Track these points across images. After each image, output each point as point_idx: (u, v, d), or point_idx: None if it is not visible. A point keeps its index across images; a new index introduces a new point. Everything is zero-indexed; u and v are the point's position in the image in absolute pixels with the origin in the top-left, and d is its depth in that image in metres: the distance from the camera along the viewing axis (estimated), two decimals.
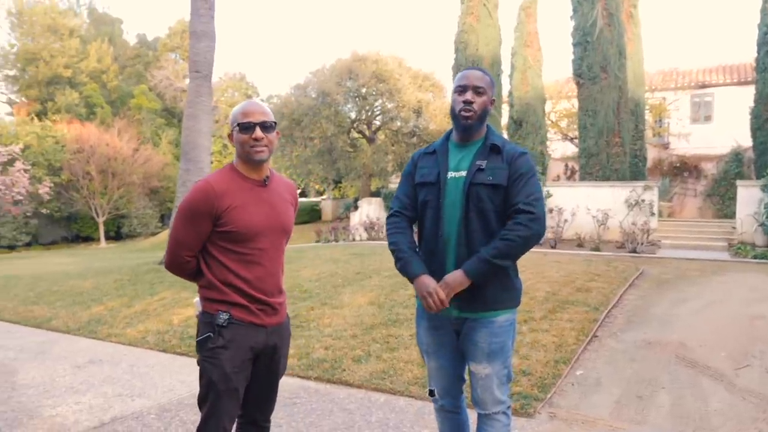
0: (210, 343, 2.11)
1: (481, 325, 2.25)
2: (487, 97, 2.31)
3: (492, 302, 2.25)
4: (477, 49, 16.24)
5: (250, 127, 2.12)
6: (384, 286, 7.13)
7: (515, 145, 2.34)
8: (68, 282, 9.28)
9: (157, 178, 30.72)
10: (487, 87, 2.30)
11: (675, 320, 5.83)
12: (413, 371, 4.26)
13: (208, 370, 2.11)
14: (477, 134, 2.34)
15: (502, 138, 2.37)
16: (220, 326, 2.10)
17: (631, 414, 3.59)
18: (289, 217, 2.31)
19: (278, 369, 2.32)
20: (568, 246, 12.48)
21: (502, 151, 2.26)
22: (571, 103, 21.67)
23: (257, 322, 2.16)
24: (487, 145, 2.29)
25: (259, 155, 2.14)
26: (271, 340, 2.22)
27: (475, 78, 2.29)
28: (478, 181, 2.22)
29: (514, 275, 2.31)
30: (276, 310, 2.24)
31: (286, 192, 2.35)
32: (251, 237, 2.14)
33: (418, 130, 22.65)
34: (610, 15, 14.51)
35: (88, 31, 39.05)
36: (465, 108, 2.26)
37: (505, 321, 2.27)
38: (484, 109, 2.30)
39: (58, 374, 4.71)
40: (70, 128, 28.14)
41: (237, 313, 2.12)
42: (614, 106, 14.63)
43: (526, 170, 2.24)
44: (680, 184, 20.13)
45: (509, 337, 2.31)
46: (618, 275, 7.98)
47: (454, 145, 2.38)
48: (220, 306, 2.13)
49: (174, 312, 6.56)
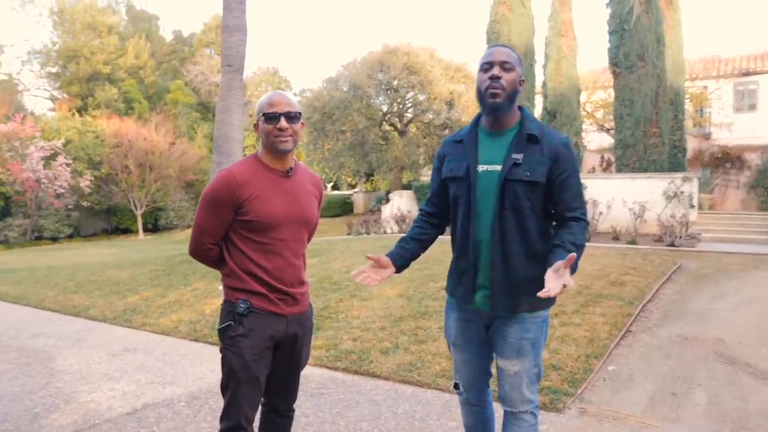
0: (231, 332, 2.13)
1: (512, 321, 2.16)
2: (516, 74, 2.08)
3: (525, 303, 2.13)
4: (510, 39, 15.98)
5: (275, 117, 2.12)
6: (413, 279, 7.10)
7: (555, 133, 2.14)
8: (106, 272, 9.54)
9: (193, 171, 31.29)
10: (515, 63, 2.09)
11: (713, 315, 5.65)
12: (441, 364, 4.23)
13: (229, 357, 2.13)
14: (510, 120, 2.13)
15: (538, 124, 2.15)
16: (241, 315, 2.12)
17: (664, 411, 3.49)
18: (312, 209, 2.30)
19: (299, 358, 2.33)
20: (603, 239, 12.21)
21: (541, 141, 2.07)
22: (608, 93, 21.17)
23: (277, 311, 2.18)
24: (524, 135, 2.09)
25: (284, 145, 2.15)
26: (292, 329, 2.23)
27: (501, 53, 2.08)
28: (514, 177, 2.04)
29: None
30: (296, 300, 2.24)
31: (310, 183, 2.34)
32: (271, 227, 2.15)
33: (450, 122, 22.49)
34: (648, 1, 14.07)
35: (126, 28, 39.95)
36: (492, 85, 2.04)
37: (538, 317, 2.17)
38: (514, 86, 2.07)
39: (94, 361, 4.84)
40: (109, 123, 28.89)
41: (257, 302, 2.14)
42: (652, 95, 14.22)
43: (573, 169, 2.09)
44: (722, 175, 19.45)
45: (542, 334, 2.19)
46: (654, 269, 7.77)
47: (485, 133, 2.17)
48: (240, 294, 2.15)
49: (206, 302, 6.66)
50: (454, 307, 2.33)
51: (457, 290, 2.27)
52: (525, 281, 2.09)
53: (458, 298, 2.28)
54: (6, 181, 24.31)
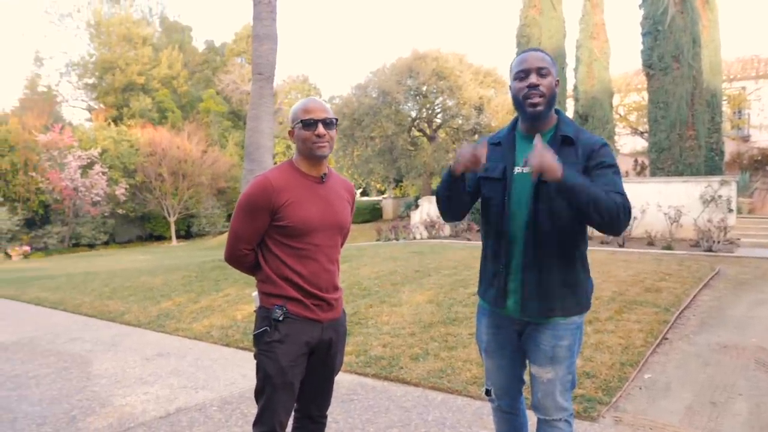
0: (266, 337, 2.15)
1: (545, 327, 2.12)
2: (552, 77, 2.06)
3: (558, 308, 2.09)
4: (540, 43, 15.84)
5: (312, 124, 2.14)
6: (443, 285, 7.06)
7: (592, 135, 2.11)
8: (140, 278, 9.73)
9: (224, 178, 31.84)
10: (550, 67, 2.06)
11: (754, 323, 5.46)
12: (471, 371, 4.18)
13: (265, 363, 2.15)
14: (547, 123, 2.12)
15: (575, 126, 2.13)
16: (276, 320, 2.14)
17: (703, 421, 3.38)
18: (346, 215, 2.32)
19: (334, 364, 2.33)
20: (638, 245, 11.95)
21: (576, 143, 2.05)
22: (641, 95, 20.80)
23: (312, 317, 2.19)
24: (558, 137, 2.07)
25: (321, 151, 2.17)
26: (326, 335, 2.24)
27: (535, 59, 2.05)
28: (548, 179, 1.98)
29: (584, 277, 2.16)
30: (331, 306, 2.25)
31: (344, 190, 2.36)
32: (307, 232, 2.16)
33: (480, 127, 22.37)
34: (683, 1, 13.78)
35: (159, 39, 40.97)
36: (531, 93, 2.02)
37: (571, 323, 2.12)
38: (552, 91, 2.05)
39: (129, 366, 4.94)
40: (143, 132, 29.64)
41: (292, 308, 2.16)
42: (687, 97, 13.90)
43: (609, 160, 2.01)
44: (762, 178, 18.88)
45: (575, 341, 2.14)
46: (691, 275, 7.56)
47: (522, 137, 2.17)
48: (276, 300, 2.16)
49: (237, 308, 6.74)
50: (486, 312, 2.30)
51: (489, 293, 2.24)
52: (558, 286, 2.07)
53: (490, 301, 2.25)
54: (45, 189, 25.12)
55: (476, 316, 2.41)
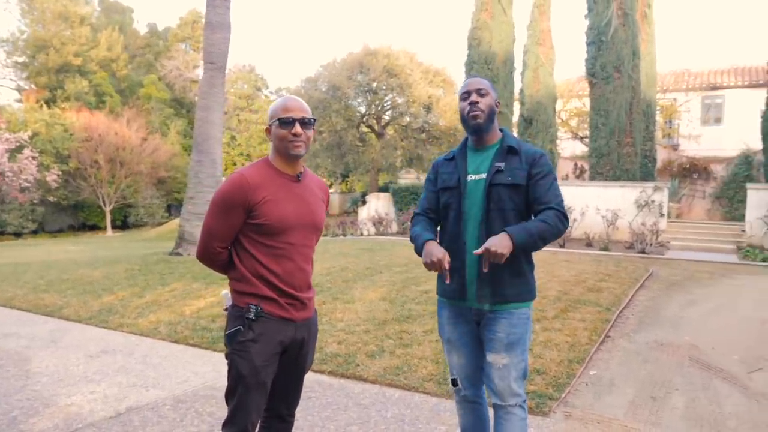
0: (240, 337, 2.12)
1: (500, 317, 2.34)
2: (491, 97, 2.41)
3: (512, 296, 2.34)
4: (490, 46, 16.18)
5: (289, 123, 2.15)
6: (395, 282, 7.14)
7: (532, 146, 2.45)
8: (78, 270, 9.32)
9: (165, 168, 30.82)
10: (488, 89, 2.42)
11: (686, 322, 5.82)
12: (428, 368, 4.27)
13: (238, 363, 2.12)
14: (492, 138, 2.44)
15: (517, 140, 2.46)
16: (251, 320, 2.12)
17: (645, 415, 3.59)
18: (321, 214, 2.33)
19: (305, 363, 2.34)
20: (577, 245, 12.46)
21: (520, 153, 2.36)
22: (582, 102, 21.60)
23: (286, 316, 2.18)
24: (504, 147, 2.39)
25: (297, 150, 2.18)
26: (299, 334, 2.24)
27: (475, 83, 2.42)
28: (497, 182, 2.31)
29: (529, 270, 2.41)
30: (305, 305, 2.26)
31: (318, 189, 2.37)
32: (282, 230, 2.16)
33: (428, 125, 22.63)
34: (625, 14, 14.42)
35: (98, 20, 39.10)
36: (472, 109, 2.37)
37: (522, 314, 2.36)
38: (491, 108, 2.39)
39: (72, 363, 4.74)
40: (78, 116, 28.23)
41: (267, 307, 2.14)
42: (627, 106, 14.57)
43: (549, 170, 2.36)
44: (689, 185, 20.05)
45: (526, 330, 2.39)
46: (628, 276, 7.97)
47: (472, 150, 2.48)
48: (250, 299, 2.14)
49: (185, 303, 6.58)
50: (446, 306, 2.52)
51: (449, 289, 2.44)
52: (508, 275, 2.32)
53: (450, 297, 2.46)
54: None
55: (437, 311, 2.61)
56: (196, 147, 10.21)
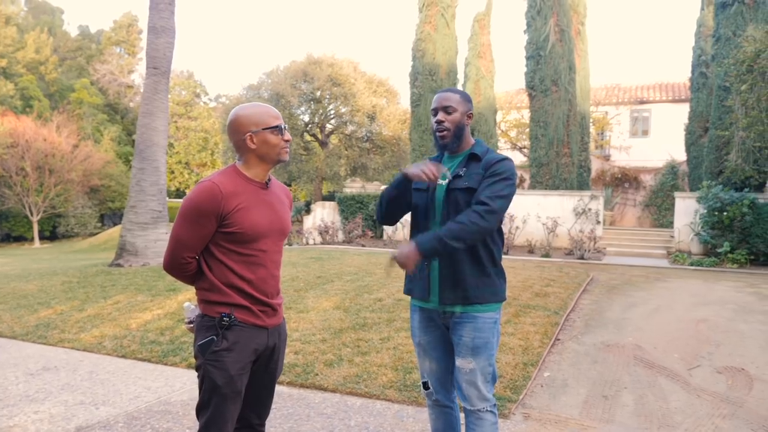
0: (214, 347, 2.08)
1: (466, 320, 2.38)
2: (459, 113, 2.44)
3: (473, 296, 2.35)
4: (434, 58, 16.49)
5: (281, 130, 2.18)
6: (348, 291, 7.13)
7: (497, 155, 2.47)
8: (9, 284, 8.78)
9: (98, 176, 29.45)
10: (456, 104, 2.44)
11: (628, 324, 6.11)
12: (387, 375, 4.29)
13: (212, 373, 2.07)
14: (464, 146, 2.51)
15: (485, 148, 2.51)
16: (225, 328, 2.09)
17: (599, 413, 3.74)
18: (287, 220, 2.32)
19: (276, 370, 2.32)
20: (520, 252, 12.84)
21: (482, 159, 2.42)
22: (521, 113, 22.34)
23: (259, 323, 2.16)
24: (469, 155, 2.47)
25: (287, 156, 2.25)
26: (271, 341, 2.23)
27: (443, 99, 2.46)
28: (455, 187, 2.40)
29: (494, 272, 2.42)
30: (275, 311, 2.25)
31: (283, 194, 2.37)
32: (255, 238, 2.14)
33: (372, 134, 22.78)
34: (562, 31, 15.06)
35: (25, 20, 37.18)
36: (438, 128, 2.44)
37: (489, 318, 2.39)
38: (457, 125, 2.44)
39: (10, 382, 4.46)
40: (3, 121, 26.61)
41: (240, 315, 2.12)
42: (564, 118, 15.19)
43: (500, 171, 2.36)
44: (621, 194, 21.06)
45: (493, 334, 2.41)
46: (571, 281, 8.28)
47: (447, 158, 2.56)
48: (222, 308, 2.10)
49: (131, 316, 6.33)
50: (417, 309, 2.56)
51: (415, 288, 2.51)
52: (469, 276, 2.37)
53: (417, 296, 2.52)
54: None
55: (410, 315, 2.65)
56: (139, 154, 9.86)
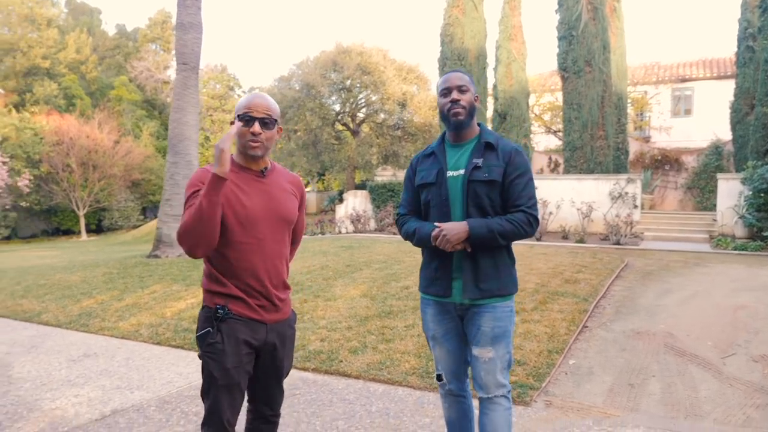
0: (209, 338, 2.09)
1: (484, 311, 2.37)
2: (471, 93, 2.41)
3: (495, 289, 2.36)
4: (463, 42, 16.30)
5: (249, 120, 2.10)
6: (375, 279, 7.19)
7: (509, 142, 2.45)
8: (55, 275, 9.18)
9: (138, 170, 30.36)
10: (468, 84, 2.41)
11: (661, 311, 5.98)
12: (410, 362, 4.33)
13: (209, 365, 2.10)
14: (470, 133, 2.45)
15: (495, 135, 2.47)
16: (219, 321, 2.09)
17: (623, 401, 3.70)
18: (290, 208, 2.26)
19: (281, 367, 2.29)
20: (553, 238, 12.66)
21: (497, 148, 2.38)
22: (555, 96, 21.90)
23: (256, 317, 2.14)
24: (482, 143, 2.40)
25: (254, 150, 2.13)
26: (272, 337, 2.19)
27: (456, 78, 2.41)
28: (475, 178, 2.33)
29: (510, 263, 2.44)
30: (276, 306, 2.20)
31: (288, 183, 2.31)
32: (247, 224, 2.10)
33: (403, 122, 22.68)
34: (595, 9, 14.65)
35: (66, 21, 38.36)
36: (453, 107, 2.37)
37: (506, 307, 2.40)
38: (471, 104, 2.40)
39: (54, 368, 4.70)
40: (49, 120, 27.66)
41: (235, 308, 2.10)
42: (598, 99, 14.82)
43: (524, 170, 2.36)
44: (661, 176, 20.46)
45: (510, 322, 2.42)
46: (604, 267, 8.13)
47: (450, 146, 2.48)
48: (219, 299, 2.11)
49: (166, 305, 6.54)
50: (430, 303, 2.52)
51: (434, 285, 2.46)
52: (491, 269, 2.36)
53: (434, 293, 2.46)
54: None
55: (420, 309, 2.61)
56: (172, 148, 10.11)
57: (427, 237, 2.35)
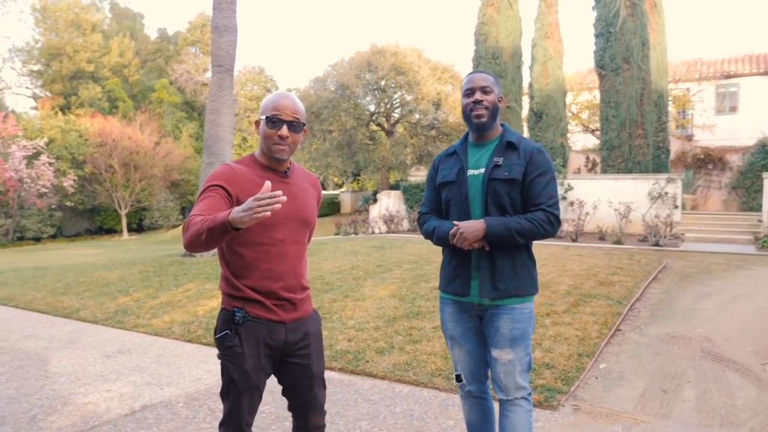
0: (227, 341, 2.08)
1: (503, 312, 2.34)
2: (495, 94, 2.39)
3: (514, 290, 2.33)
4: (497, 41, 16.12)
5: (277, 123, 2.06)
6: (405, 279, 7.16)
7: (531, 141, 2.42)
8: (95, 273, 9.46)
9: (178, 171, 31.11)
10: (492, 85, 2.39)
11: (699, 314, 5.78)
12: (436, 363, 4.29)
13: (228, 368, 2.09)
14: (493, 133, 2.43)
15: (517, 135, 2.45)
16: (237, 324, 2.07)
17: (655, 408, 3.58)
18: (310, 209, 2.23)
19: (311, 367, 2.21)
20: (590, 239, 12.38)
21: (518, 148, 2.36)
22: (593, 94, 21.44)
23: (274, 318, 2.10)
24: (504, 143, 2.39)
25: (280, 153, 2.09)
26: (293, 336, 2.15)
27: (479, 79, 2.40)
28: (495, 177, 2.32)
29: (530, 263, 2.41)
30: (295, 305, 2.16)
31: (308, 184, 2.28)
32: (268, 225, 2.04)
33: (437, 122, 22.58)
34: (633, 5, 14.28)
35: (110, 26, 39.56)
36: (475, 107, 2.36)
37: (525, 308, 2.36)
38: (494, 105, 2.38)
39: (89, 363, 4.83)
40: (93, 122, 28.60)
41: (253, 310, 2.08)
42: (637, 97, 14.44)
43: (545, 169, 2.33)
44: (704, 176, 19.79)
45: (529, 324, 2.39)
46: (641, 269, 7.92)
47: (472, 146, 2.48)
48: (236, 302, 2.09)
49: (198, 303, 6.66)
50: (449, 302, 2.52)
51: (453, 284, 2.45)
52: (508, 269, 2.34)
53: (453, 292, 2.46)
54: None
55: (440, 308, 2.60)
56: (207, 149, 10.31)
57: (445, 235, 2.36)
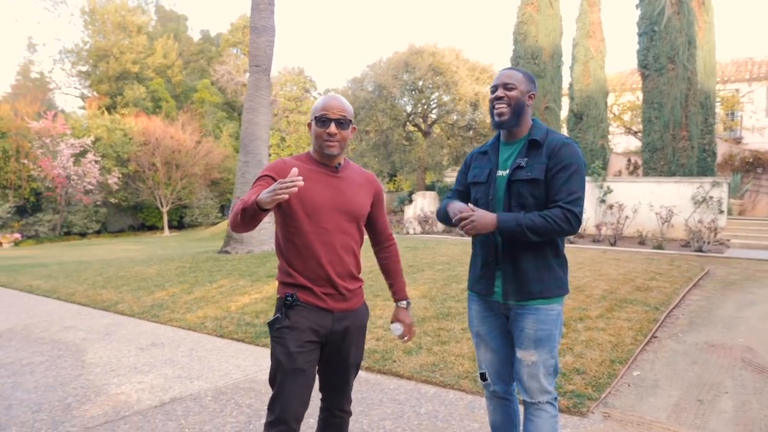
0: (278, 324, 2.20)
1: (528, 312, 2.30)
2: (519, 91, 2.32)
3: (538, 292, 2.28)
4: (537, 41, 15.88)
5: (326, 122, 2.21)
6: (437, 280, 7.11)
7: (559, 136, 2.34)
8: (134, 268, 9.73)
9: (218, 170, 31.69)
10: (517, 82, 2.33)
11: (741, 323, 5.55)
12: (464, 365, 4.24)
13: (276, 349, 2.20)
14: (522, 130, 2.38)
15: (544, 131, 2.37)
16: (287, 308, 2.19)
17: (690, 418, 3.45)
18: (359, 202, 2.32)
19: (348, 357, 2.33)
20: (629, 243, 12.07)
21: (543, 144, 2.30)
22: (636, 95, 20.90)
23: (322, 305, 2.21)
24: (529, 141, 2.34)
25: (330, 149, 2.23)
26: (338, 326, 2.25)
27: (504, 76, 2.36)
28: (517, 178, 2.28)
29: (557, 264, 2.33)
30: (343, 296, 2.25)
31: (362, 179, 2.39)
32: (313, 214, 2.19)
33: (475, 123, 22.39)
34: (680, 2, 13.87)
35: (155, 28, 40.64)
36: (497, 104, 2.33)
37: (551, 310, 2.30)
38: (518, 102, 2.32)
39: (123, 355, 4.96)
40: (137, 121, 29.41)
41: (302, 296, 2.20)
42: (682, 98, 14.01)
43: (567, 162, 2.23)
44: (753, 180, 19.04)
45: (555, 326, 2.33)
46: (681, 275, 7.66)
47: (503, 144, 2.44)
48: (289, 289, 2.22)
49: (231, 299, 6.76)
50: (475, 299, 2.51)
51: (479, 283, 2.45)
52: (532, 270, 2.29)
53: (479, 291, 2.45)
54: (37, 177, 24.91)
55: (468, 305, 2.59)
56: (243, 148, 10.47)
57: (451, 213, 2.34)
